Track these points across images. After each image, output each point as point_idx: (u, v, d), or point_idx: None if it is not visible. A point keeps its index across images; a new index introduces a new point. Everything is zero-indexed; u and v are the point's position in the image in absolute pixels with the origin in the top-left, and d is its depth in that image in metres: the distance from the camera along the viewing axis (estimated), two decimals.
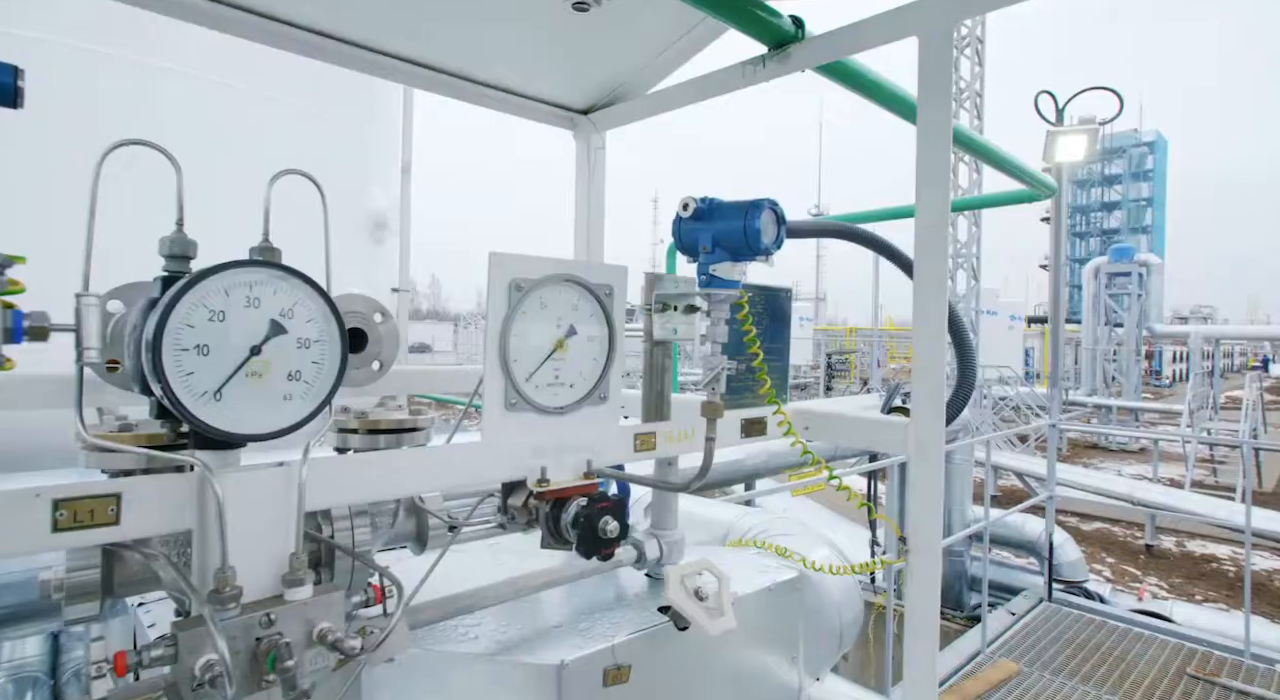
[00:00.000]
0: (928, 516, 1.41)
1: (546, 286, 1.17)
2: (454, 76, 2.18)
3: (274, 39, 1.78)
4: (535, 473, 1.14)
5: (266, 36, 1.75)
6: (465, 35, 1.97)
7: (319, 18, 1.77)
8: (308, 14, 1.75)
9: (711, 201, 1.26)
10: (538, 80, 2.26)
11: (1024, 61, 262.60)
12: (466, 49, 2.04)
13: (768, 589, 1.57)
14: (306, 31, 1.81)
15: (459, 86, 2.20)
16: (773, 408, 1.48)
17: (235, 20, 1.67)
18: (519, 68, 2.20)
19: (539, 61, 2.18)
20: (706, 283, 1.26)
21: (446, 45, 2.02)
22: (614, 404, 1.27)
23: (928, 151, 1.39)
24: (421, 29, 1.90)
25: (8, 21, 3.17)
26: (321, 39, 1.87)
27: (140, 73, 3.46)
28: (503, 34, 1.98)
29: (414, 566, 1.53)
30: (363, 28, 1.85)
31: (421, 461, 1.03)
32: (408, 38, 1.95)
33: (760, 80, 1.77)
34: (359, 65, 2.01)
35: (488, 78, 2.22)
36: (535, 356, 1.16)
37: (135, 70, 3.45)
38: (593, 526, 1.09)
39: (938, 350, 1.42)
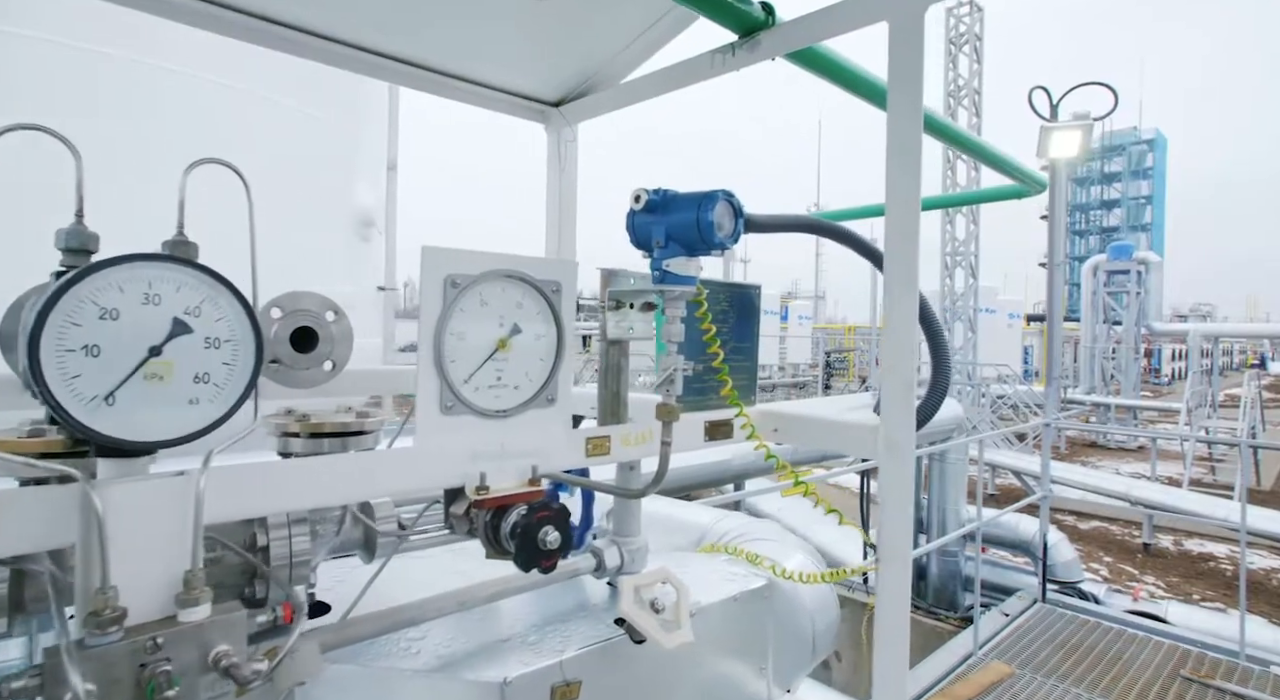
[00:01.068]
0: (898, 522, 1.35)
1: (487, 283, 1.11)
2: (421, 68, 2.12)
3: (241, 32, 1.73)
4: (474, 479, 1.08)
5: (233, 29, 1.70)
6: (433, 27, 1.91)
7: (284, 10, 1.71)
8: (272, 6, 1.69)
9: (665, 193, 1.19)
10: (508, 73, 2.19)
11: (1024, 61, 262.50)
12: (434, 41, 1.99)
13: (733, 598, 1.51)
14: (271, 23, 1.75)
15: (426, 79, 2.14)
16: (734, 410, 1.41)
17: (205, 14, 1.62)
18: (488, 60, 2.14)
19: (509, 53, 2.12)
20: (660, 279, 1.20)
21: (414, 38, 1.96)
22: (563, 406, 1.21)
23: (898, 139, 1.32)
24: (389, 21, 1.84)
25: (4, 19, 3.11)
26: (285, 30, 1.81)
27: (137, 71, 3.40)
28: (472, 25, 1.92)
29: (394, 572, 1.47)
30: (328, 19, 1.79)
31: (341, 469, 0.97)
32: (374, 30, 1.89)
33: (729, 69, 1.71)
34: (324, 57, 1.95)
35: (456, 70, 2.16)
36: (475, 357, 1.10)
37: (132, 69, 3.39)
38: (531, 537, 1.03)
39: (908, 346, 1.35)
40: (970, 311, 16.94)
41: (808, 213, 8.34)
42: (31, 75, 3.14)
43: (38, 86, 3.15)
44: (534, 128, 2.35)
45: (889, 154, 1.34)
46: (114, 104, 3.32)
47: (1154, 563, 11.17)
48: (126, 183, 2.82)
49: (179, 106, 3.53)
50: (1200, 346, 19.97)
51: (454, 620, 1.37)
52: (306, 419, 1.31)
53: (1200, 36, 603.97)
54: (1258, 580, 10.26)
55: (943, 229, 17.16)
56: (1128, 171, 42.44)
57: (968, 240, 16.93)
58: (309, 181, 4.51)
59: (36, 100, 3.13)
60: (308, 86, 4.30)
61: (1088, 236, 43.07)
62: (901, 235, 1.34)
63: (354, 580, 1.54)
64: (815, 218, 1.47)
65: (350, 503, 1.12)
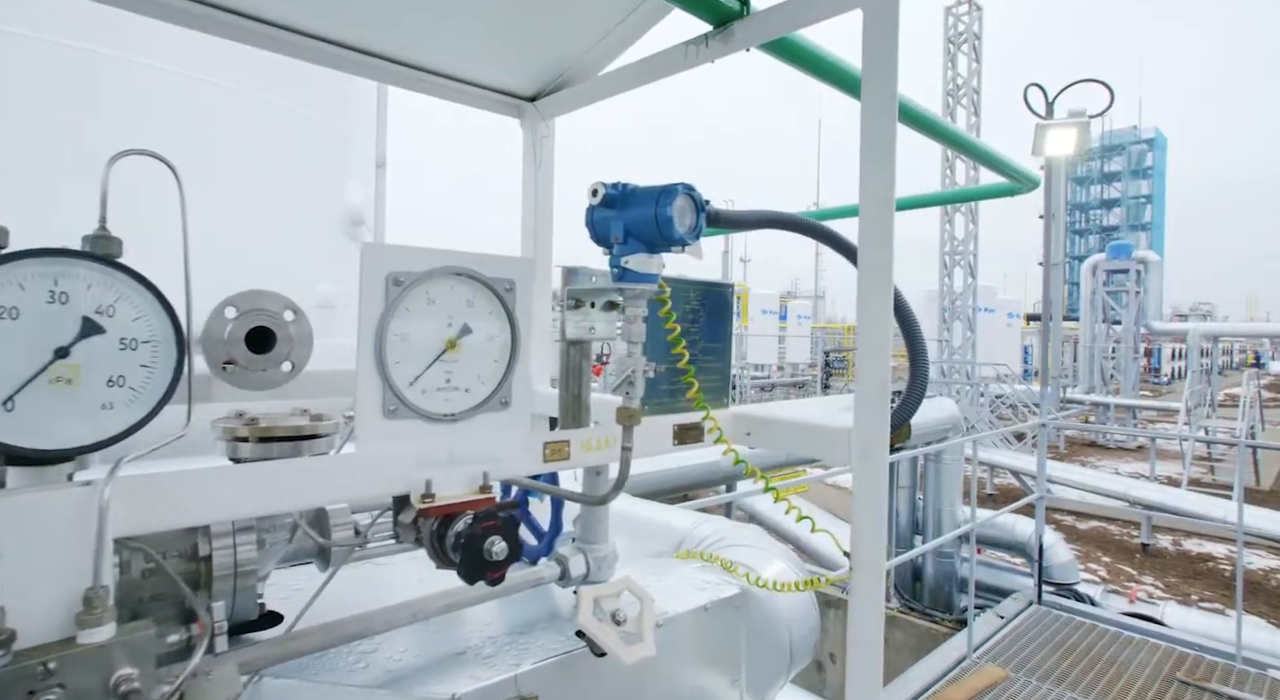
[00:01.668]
0: (871, 532, 1.30)
1: (434, 281, 1.05)
2: (394, 63, 2.07)
3: (211, 25, 1.68)
4: (419, 487, 1.03)
5: (203, 22, 1.65)
6: (407, 21, 1.87)
7: (255, 4, 1.66)
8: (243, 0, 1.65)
9: (624, 187, 1.14)
10: (482, 66, 2.15)
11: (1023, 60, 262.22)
12: (408, 35, 1.94)
13: (704, 608, 1.45)
14: (242, 16, 1.71)
15: (400, 73, 2.10)
16: (701, 413, 1.36)
17: (166, 6, 1.57)
18: (462, 54, 2.09)
19: (483, 47, 2.07)
20: (619, 276, 1.14)
21: (387, 32, 1.91)
22: (519, 409, 1.16)
23: (872, 129, 1.27)
24: (362, 15, 1.80)
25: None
26: (256, 24, 1.76)
27: (131, 70, 3.36)
28: (446, 18, 1.87)
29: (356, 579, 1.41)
30: (301, 13, 1.74)
31: (269, 476, 0.92)
32: (347, 24, 1.84)
33: (704, 60, 1.66)
34: (296, 51, 1.90)
35: (430, 64, 2.12)
36: (421, 358, 1.05)
37: (127, 68, 3.34)
38: (476, 548, 0.98)
39: (882, 347, 1.30)
40: (969, 311, 16.90)
41: (805, 212, 8.29)
42: (21, 73, 3.10)
43: (27, 84, 3.10)
44: None
45: (863, 145, 1.29)
46: (102, 103, 3.28)
47: (1152, 563, 11.13)
48: (116, 181, 2.81)
49: (173, 106, 3.49)
50: (1200, 346, 19.91)
51: (413, 631, 1.32)
52: (255, 423, 1.26)
53: (1199, 34, 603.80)
54: (1256, 580, 10.22)
55: (941, 228, 17.11)
56: (1127, 171, 42.38)
57: (966, 239, 16.88)
58: (299, 180, 4.46)
59: (26, 98, 3.09)
60: (298, 85, 4.25)
61: (1088, 236, 43.00)
62: (876, 229, 1.29)
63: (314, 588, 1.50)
64: (786, 213, 1.42)
65: (282, 511, 1.07)
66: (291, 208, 4.27)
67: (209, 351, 1.47)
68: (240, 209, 3.37)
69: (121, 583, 1.08)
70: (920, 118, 2.10)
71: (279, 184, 4.04)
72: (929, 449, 6.25)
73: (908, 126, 2.16)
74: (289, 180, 4.26)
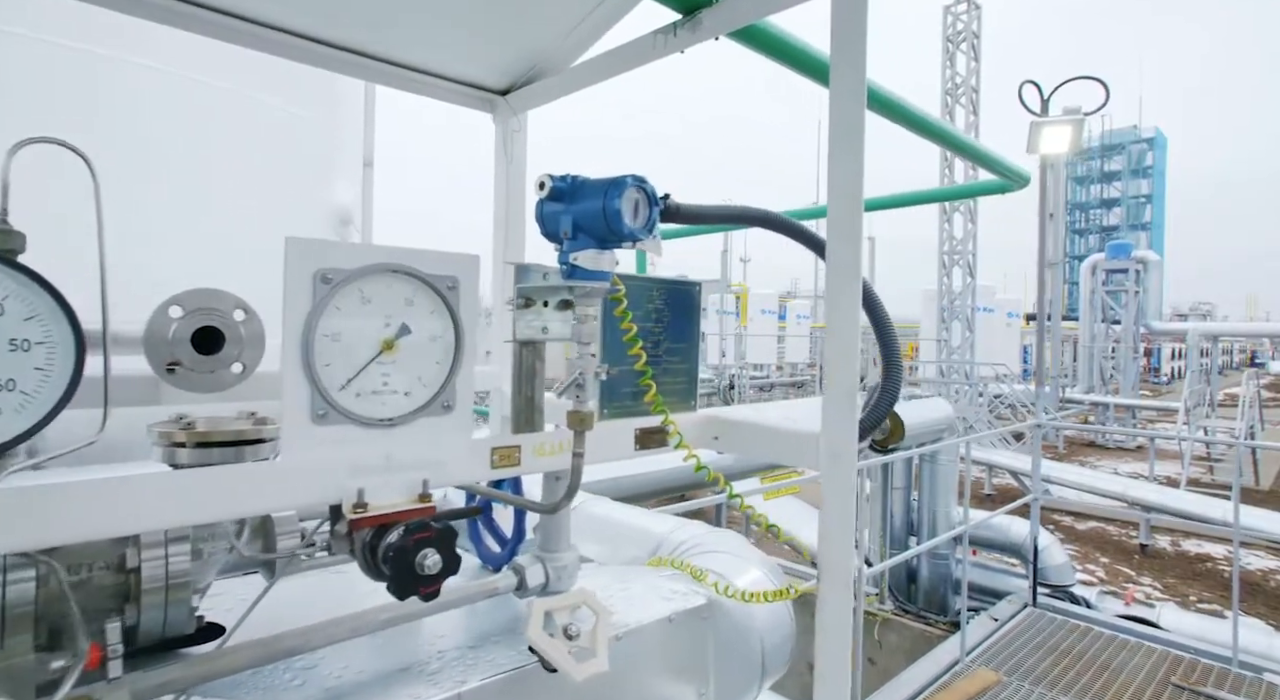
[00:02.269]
0: (840, 541, 1.24)
1: (368, 279, 1.00)
2: (364, 56, 2.02)
3: (166, 15, 1.62)
4: (351, 495, 0.97)
5: (159, 14, 1.59)
6: (376, 13, 1.81)
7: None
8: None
9: (574, 180, 1.09)
10: (455, 60, 2.09)
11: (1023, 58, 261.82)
12: (378, 27, 1.88)
13: (668, 619, 1.40)
14: (200, 7, 1.65)
15: (371, 67, 2.04)
16: (661, 416, 1.30)
17: None
18: (435, 46, 2.03)
19: (455, 39, 2.01)
20: (569, 274, 1.09)
21: (354, 24, 1.86)
22: (463, 413, 1.10)
23: (840, 116, 1.21)
24: (330, 7, 1.74)
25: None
26: (217, 15, 1.70)
27: (127, 70, 3.31)
28: (417, 10, 1.82)
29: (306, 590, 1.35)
30: (263, 4, 1.68)
31: (181, 486, 0.86)
32: (313, 16, 1.78)
33: (672, 50, 1.60)
34: (260, 44, 1.84)
35: (400, 58, 2.06)
36: (355, 360, 0.99)
37: (122, 68, 3.30)
38: (407, 562, 0.92)
39: (851, 344, 1.24)
40: (968, 310, 16.84)
41: None
42: (14, 73, 3.06)
43: (19, 83, 3.06)
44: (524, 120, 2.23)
45: (831, 133, 1.23)
46: (93, 103, 3.23)
47: (1151, 563, 11.07)
48: (110, 181, 2.79)
49: (167, 105, 3.44)
50: (1199, 346, 19.85)
51: (362, 644, 1.26)
52: (192, 427, 1.20)
53: (1199, 31, 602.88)
54: (1255, 581, 10.16)
55: (940, 227, 17.06)
56: (1127, 170, 42.33)
57: (965, 239, 16.83)
58: (287, 179, 4.41)
59: (17, 97, 3.04)
60: (288, 84, 4.20)
61: (1087, 235, 42.97)
62: (845, 222, 1.23)
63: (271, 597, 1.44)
64: (752, 208, 1.37)
65: (203, 522, 1.01)
66: (279, 207, 4.22)
67: (151, 353, 1.41)
68: (228, 208, 3.33)
69: (40, 597, 1.02)
70: (895, 107, 2.04)
71: (267, 183, 3.99)
72: (924, 449, 6.20)
73: (882, 116, 2.10)
74: (277, 179, 4.20)
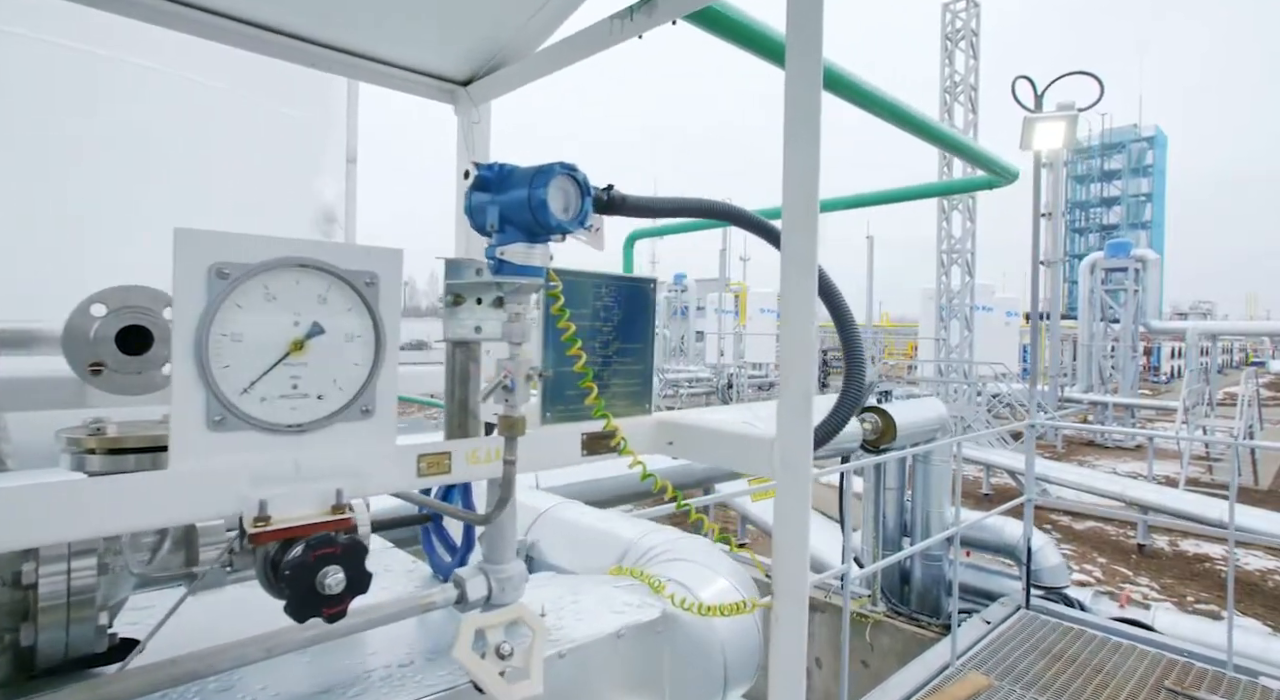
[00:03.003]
0: (794, 554, 1.17)
1: (273, 274, 0.93)
2: (326, 47, 1.95)
3: (118, 5, 1.56)
4: (252, 507, 0.90)
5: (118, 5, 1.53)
6: (337, 2, 1.75)
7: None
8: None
9: (501, 169, 1.01)
10: (415, 50, 2.02)
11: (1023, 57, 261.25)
12: (339, 17, 1.82)
13: (616, 634, 1.33)
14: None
15: (332, 58, 1.98)
16: (604, 421, 1.23)
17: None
18: (396, 37, 1.97)
19: (416, 29, 1.94)
20: (496, 269, 1.02)
21: (316, 13, 1.79)
22: (385, 418, 1.03)
23: (796, 97, 1.14)
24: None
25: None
26: (164, 3, 1.64)
27: (125, 71, 3.25)
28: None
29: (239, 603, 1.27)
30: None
31: (53, 499, 0.79)
32: (272, 6, 1.72)
33: (630, 34, 1.53)
34: (218, 35, 1.78)
35: (363, 48, 2.00)
36: (258, 361, 0.92)
37: (123, 69, 3.24)
38: (306, 581, 0.85)
39: (807, 341, 1.17)
40: (966, 309, 16.75)
41: None
42: (13, 73, 3.00)
43: (13, 82, 3.00)
44: (520, 118, 2.18)
45: (787, 114, 1.16)
46: (88, 100, 3.17)
47: (1149, 563, 11.00)
48: (105, 178, 2.76)
49: (160, 104, 3.39)
50: (1198, 345, 19.76)
51: (289, 660, 1.19)
52: (102, 432, 1.13)
53: (1199, 28, 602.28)
54: (1253, 582, 10.09)
55: (939, 226, 16.97)
56: (1128, 169, 42.23)
57: (964, 238, 16.74)
58: (272, 176, 4.35)
59: (11, 96, 2.99)
60: (275, 82, 4.14)
61: (1087, 234, 42.88)
62: (800, 210, 1.16)
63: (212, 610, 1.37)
64: (704, 199, 1.29)
65: (79, 538, 0.94)
66: (266, 204, 4.15)
67: (71, 353, 1.34)
68: (215, 204, 3.27)
69: None
70: (858, 90, 1.96)
71: (253, 180, 3.93)
72: (917, 449, 6.12)
73: (845, 100, 2.03)
74: (262, 177, 4.14)
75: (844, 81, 1.81)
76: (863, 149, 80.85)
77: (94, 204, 2.77)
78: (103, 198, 2.81)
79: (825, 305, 1.26)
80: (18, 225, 2.59)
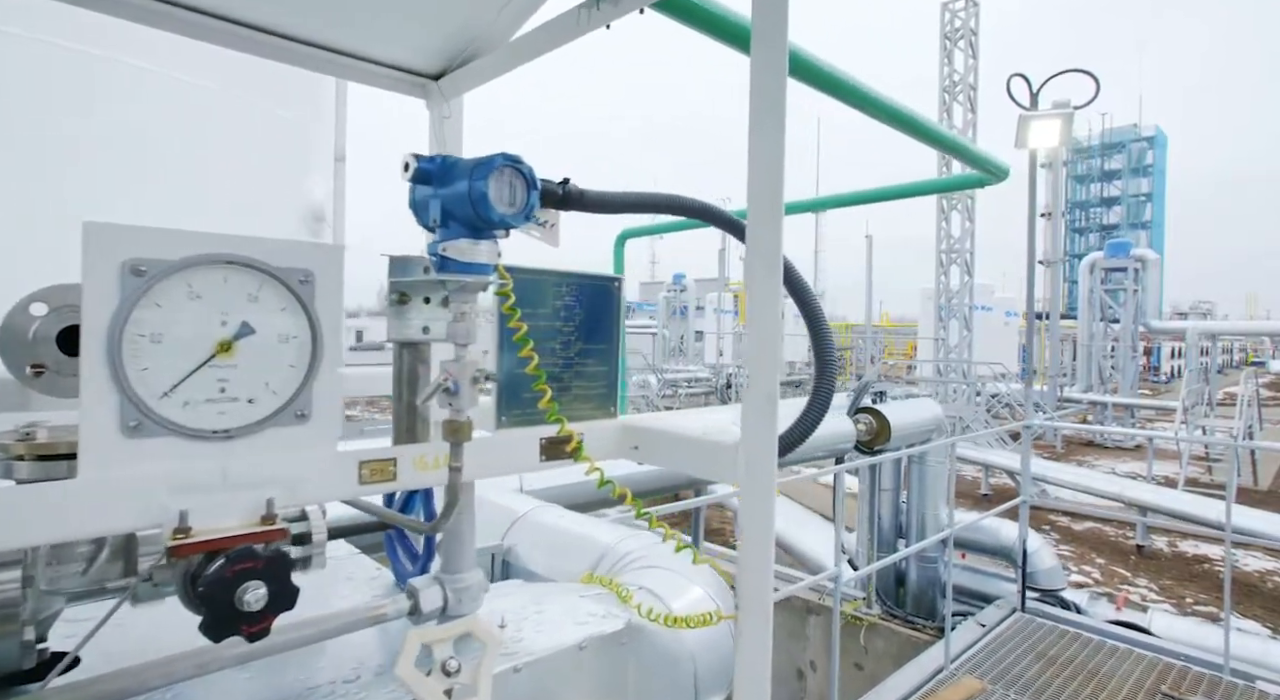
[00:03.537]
0: (758, 564, 1.12)
1: (197, 271, 0.87)
2: (291, 40, 1.90)
3: None
4: (172, 518, 0.85)
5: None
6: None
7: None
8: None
9: (443, 160, 0.96)
10: (386, 43, 1.97)
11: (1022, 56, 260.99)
12: (308, 9, 1.77)
13: (578, 647, 1.28)
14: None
15: (298, 52, 1.92)
16: (558, 425, 1.18)
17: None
18: (366, 30, 1.91)
19: (387, 21, 1.89)
20: (439, 266, 0.96)
21: (281, 4, 1.74)
22: (323, 423, 0.98)
23: (761, 85, 1.09)
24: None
25: None
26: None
27: (124, 71, 3.22)
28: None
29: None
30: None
31: None
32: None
33: (597, 24, 1.48)
34: (182, 28, 1.72)
35: (332, 42, 1.94)
36: (181, 363, 0.87)
37: (117, 69, 3.20)
38: (223, 598, 0.80)
39: (772, 339, 1.11)
40: (966, 309, 16.69)
41: None
42: (12, 72, 2.96)
43: (16, 83, 2.96)
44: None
45: (752, 101, 1.10)
46: (84, 100, 3.14)
47: (1147, 564, 10.95)
48: (101, 178, 2.74)
49: (158, 107, 3.35)
50: (1198, 345, 19.71)
51: (230, 673, 1.14)
52: (32, 437, 1.08)
53: (1199, 26, 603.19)
54: (1252, 583, 10.03)
55: (938, 225, 16.91)
56: (1128, 169, 42.15)
57: (963, 237, 16.68)
58: (260, 175, 4.31)
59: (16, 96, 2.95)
60: (284, 87, 4.10)
61: (1087, 234, 42.79)
62: (764, 202, 1.10)
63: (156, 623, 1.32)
64: (664, 194, 1.24)
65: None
66: (254, 204, 4.11)
67: (9, 354, 1.29)
68: (204, 203, 3.24)
69: None
70: (827, 77, 1.90)
71: (241, 180, 3.89)
72: (913, 450, 6.07)
73: (812, 87, 1.97)
74: (252, 176, 4.10)
75: (812, 68, 1.76)
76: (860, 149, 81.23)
77: (93, 204, 2.73)
78: (100, 198, 2.77)
79: (794, 301, 1.21)
80: (17, 225, 2.56)
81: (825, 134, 33.27)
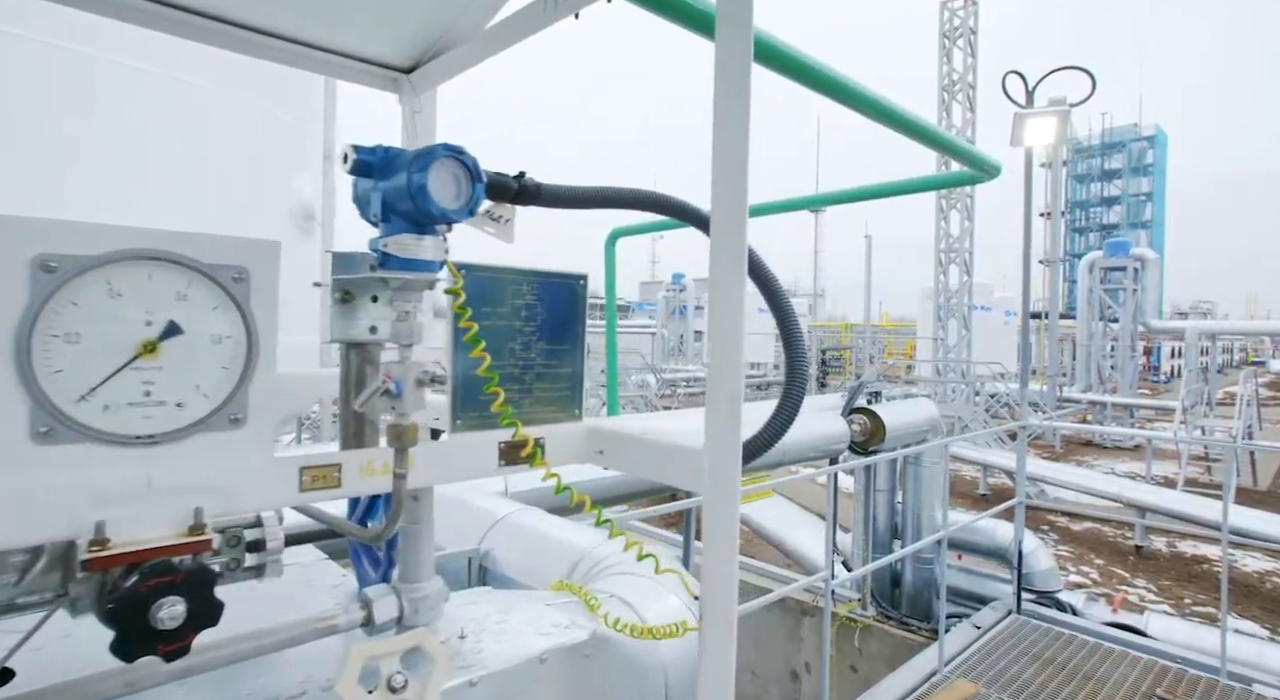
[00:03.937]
0: (722, 575, 1.07)
1: (117, 267, 0.83)
2: (262, 33, 1.85)
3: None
4: (88, 529, 0.80)
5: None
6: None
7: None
8: None
9: (385, 151, 0.92)
10: (358, 36, 1.92)
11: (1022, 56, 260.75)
12: (271, 1, 1.72)
13: (538, 659, 1.23)
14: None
15: (269, 45, 1.87)
16: (512, 429, 1.13)
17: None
18: (336, 22, 1.87)
19: (358, 14, 1.85)
20: (381, 262, 0.92)
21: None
22: (259, 428, 0.93)
23: (726, 71, 1.04)
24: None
25: None
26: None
27: (123, 73, 3.18)
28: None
29: None
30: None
31: None
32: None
33: (565, 13, 1.43)
34: (148, 20, 1.68)
35: (302, 35, 1.89)
36: (101, 365, 0.82)
37: (116, 70, 3.17)
38: (135, 616, 0.75)
39: (734, 339, 1.06)
40: (965, 309, 16.63)
41: None
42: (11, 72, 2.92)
43: (15, 83, 2.92)
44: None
45: (716, 88, 1.05)
46: (82, 100, 3.10)
47: (1146, 565, 10.90)
48: (99, 176, 2.73)
49: (157, 107, 3.31)
50: (1198, 344, 19.65)
51: (170, 689, 1.09)
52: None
53: (1199, 24, 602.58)
54: (1251, 584, 9.98)
55: (937, 225, 16.85)
56: (1128, 168, 42.09)
57: (962, 236, 16.62)
58: (251, 173, 4.26)
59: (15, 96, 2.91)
60: (280, 87, 4.06)
61: (1087, 233, 42.73)
62: (729, 193, 1.05)
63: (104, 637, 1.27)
64: (624, 188, 1.19)
65: None
66: (243, 202, 4.06)
67: None
68: (195, 202, 3.20)
69: None
70: (795, 62, 1.85)
71: (231, 178, 3.84)
72: (908, 451, 6.02)
73: (782, 75, 1.91)
74: (241, 174, 4.05)
75: (778, 53, 1.71)
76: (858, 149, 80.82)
77: (92, 204, 2.70)
78: (100, 197, 2.74)
79: (762, 297, 1.16)
80: None
81: (825, 134, 33.23)
